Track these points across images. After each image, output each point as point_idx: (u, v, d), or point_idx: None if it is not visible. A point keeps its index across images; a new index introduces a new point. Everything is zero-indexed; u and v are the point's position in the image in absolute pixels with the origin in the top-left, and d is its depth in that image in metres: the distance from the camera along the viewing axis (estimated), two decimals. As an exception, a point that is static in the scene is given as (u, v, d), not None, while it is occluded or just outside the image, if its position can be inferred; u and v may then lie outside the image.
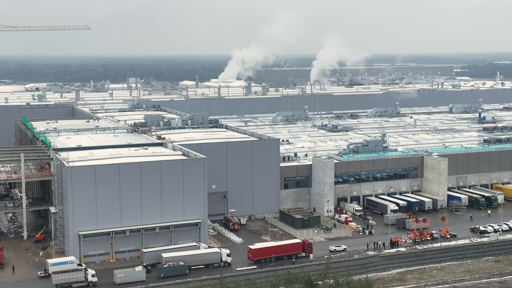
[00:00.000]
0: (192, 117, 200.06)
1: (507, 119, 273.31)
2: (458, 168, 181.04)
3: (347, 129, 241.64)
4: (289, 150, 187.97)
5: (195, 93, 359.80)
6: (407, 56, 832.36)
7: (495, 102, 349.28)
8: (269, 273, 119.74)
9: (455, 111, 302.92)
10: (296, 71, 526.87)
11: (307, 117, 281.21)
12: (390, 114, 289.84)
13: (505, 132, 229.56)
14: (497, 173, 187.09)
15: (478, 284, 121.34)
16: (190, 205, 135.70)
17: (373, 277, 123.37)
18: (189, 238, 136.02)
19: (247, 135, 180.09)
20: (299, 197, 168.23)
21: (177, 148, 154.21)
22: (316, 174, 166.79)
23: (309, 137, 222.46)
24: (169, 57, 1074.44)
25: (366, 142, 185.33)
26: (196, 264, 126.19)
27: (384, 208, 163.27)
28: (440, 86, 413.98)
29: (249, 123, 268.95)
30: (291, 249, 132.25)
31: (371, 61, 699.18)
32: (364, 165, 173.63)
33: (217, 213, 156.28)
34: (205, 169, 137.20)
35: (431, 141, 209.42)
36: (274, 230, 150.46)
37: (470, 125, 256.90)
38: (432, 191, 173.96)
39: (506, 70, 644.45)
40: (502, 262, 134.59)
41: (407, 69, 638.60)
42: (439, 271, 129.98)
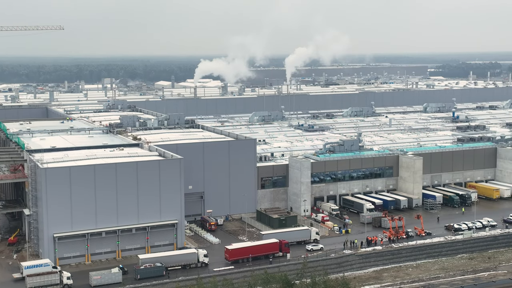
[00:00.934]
0: (168, 118, 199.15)
1: (480, 118, 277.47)
2: (432, 167, 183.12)
3: (323, 129, 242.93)
4: (265, 150, 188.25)
5: (171, 93, 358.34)
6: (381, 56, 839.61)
7: (468, 101, 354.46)
8: (246, 273, 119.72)
9: (429, 110, 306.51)
10: (272, 71, 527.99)
11: (284, 117, 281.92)
12: (366, 114, 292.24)
13: (478, 131, 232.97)
14: (470, 171, 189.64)
15: (452, 281, 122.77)
16: (166, 206, 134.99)
17: (349, 275, 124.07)
18: (166, 239, 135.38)
19: (223, 135, 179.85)
20: (276, 196, 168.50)
21: (153, 149, 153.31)
22: (293, 173, 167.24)
23: (286, 137, 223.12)
24: (145, 57, 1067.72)
25: (342, 142, 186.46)
26: (173, 265, 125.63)
27: (360, 207, 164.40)
28: (415, 85, 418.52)
29: (226, 123, 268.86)
30: (268, 249, 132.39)
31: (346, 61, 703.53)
32: (340, 165, 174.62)
33: (194, 213, 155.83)
34: (181, 169, 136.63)
35: (406, 140, 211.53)
36: (251, 230, 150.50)
37: (444, 124, 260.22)
38: (407, 189, 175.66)
39: (479, 70, 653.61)
40: (475, 259, 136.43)
41: (382, 69, 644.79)
42: (414, 269, 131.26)
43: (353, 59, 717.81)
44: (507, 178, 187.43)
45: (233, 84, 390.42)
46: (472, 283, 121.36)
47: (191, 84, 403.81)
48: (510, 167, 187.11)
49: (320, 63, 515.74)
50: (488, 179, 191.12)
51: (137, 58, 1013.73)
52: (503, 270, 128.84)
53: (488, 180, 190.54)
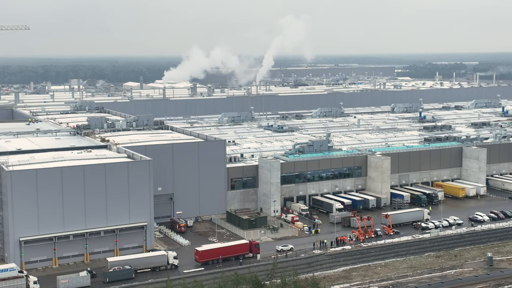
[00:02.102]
0: (137, 119, 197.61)
1: (446, 118, 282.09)
2: (400, 167, 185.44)
3: (293, 129, 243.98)
4: (235, 151, 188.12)
5: (139, 94, 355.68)
6: (350, 57, 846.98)
7: (435, 101, 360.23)
8: (216, 275, 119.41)
9: (396, 110, 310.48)
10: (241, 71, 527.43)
11: (253, 117, 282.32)
12: (334, 114, 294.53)
13: (444, 130, 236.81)
14: (437, 170, 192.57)
15: (420, 280, 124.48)
16: (135, 208, 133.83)
17: (319, 275, 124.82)
18: (135, 241, 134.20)
19: (193, 136, 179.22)
20: (246, 197, 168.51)
21: (121, 151, 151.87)
22: (263, 174, 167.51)
23: (255, 137, 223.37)
24: (112, 58, 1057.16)
25: (311, 142, 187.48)
26: (142, 267, 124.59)
27: (330, 207, 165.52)
28: (382, 86, 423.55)
29: (195, 124, 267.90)
30: (238, 250, 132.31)
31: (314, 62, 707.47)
32: (309, 165, 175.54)
33: (164, 215, 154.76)
34: (150, 171, 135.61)
35: (374, 140, 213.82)
36: (221, 231, 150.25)
37: (411, 124, 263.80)
38: (376, 189, 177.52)
39: (445, 70, 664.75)
40: (442, 257, 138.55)
41: (350, 70, 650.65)
42: (383, 267, 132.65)
43: (321, 60, 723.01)
44: (473, 177, 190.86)
45: (202, 85, 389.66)
46: (439, 281, 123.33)
47: (159, 85, 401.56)
48: (476, 166, 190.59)
49: (289, 64, 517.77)
50: (454, 178, 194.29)
51: (104, 59, 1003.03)
52: (469, 268, 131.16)
53: (454, 179, 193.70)
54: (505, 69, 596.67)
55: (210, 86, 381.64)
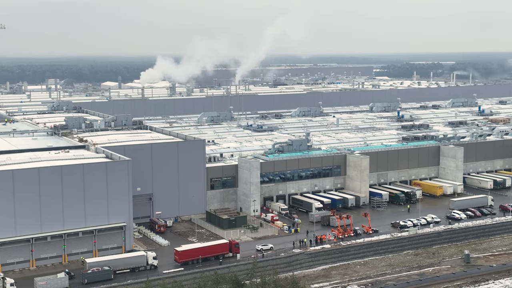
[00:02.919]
0: (115, 119, 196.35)
1: (424, 117, 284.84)
2: (379, 166, 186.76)
3: (272, 129, 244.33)
4: (214, 151, 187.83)
5: (118, 94, 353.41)
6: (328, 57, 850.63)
7: (413, 101, 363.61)
8: (196, 275, 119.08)
9: (375, 110, 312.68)
10: (220, 71, 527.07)
11: (232, 117, 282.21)
12: (314, 114, 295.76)
13: (422, 129, 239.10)
14: (415, 169, 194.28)
15: (399, 277, 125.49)
16: (114, 209, 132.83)
17: (299, 274, 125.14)
18: (114, 242, 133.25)
19: (172, 136, 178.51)
20: (225, 197, 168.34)
21: (100, 151, 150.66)
22: (242, 174, 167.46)
23: (235, 137, 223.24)
24: (90, 57, 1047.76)
25: (291, 142, 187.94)
26: (121, 268, 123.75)
27: (309, 206, 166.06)
28: (361, 86, 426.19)
29: (174, 124, 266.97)
30: (218, 250, 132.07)
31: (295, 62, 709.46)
32: (289, 164, 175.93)
33: (143, 215, 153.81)
34: (129, 171, 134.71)
35: (353, 139, 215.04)
36: (201, 231, 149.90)
37: (390, 123, 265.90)
38: (355, 188, 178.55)
39: (422, 70, 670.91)
40: (421, 255, 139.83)
41: (329, 70, 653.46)
42: (362, 266, 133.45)
43: (301, 60, 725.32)
44: (450, 176, 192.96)
45: (182, 85, 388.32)
46: (418, 278, 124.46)
47: (138, 84, 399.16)
48: (453, 165, 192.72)
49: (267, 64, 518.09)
50: (432, 176, 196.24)
51: (82, 59, 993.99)
52: (447, 265, 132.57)
53: (432, 178, 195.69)
54: (481, 68, 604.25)
55: (189, 86, 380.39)
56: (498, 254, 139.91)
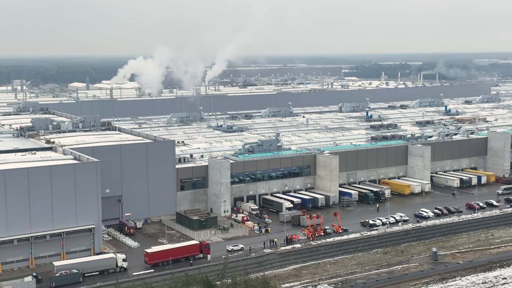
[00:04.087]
0: (83, 120, 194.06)
1: (392, 117, 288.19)
2: (348, 165, 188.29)
3: (242, 129, 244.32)
4: (184, 152, 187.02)
5: (86, 95, 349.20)
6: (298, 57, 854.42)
7: (381, 101, 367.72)
8: (166, 276, 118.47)
9: (344, 110, 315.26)
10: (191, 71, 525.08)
11: (202, 118, 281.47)
12: (283, 114, 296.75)
13: (390, 129, 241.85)
14: (384, 168, 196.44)
15: (368, 276, 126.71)
16: (83, 211, 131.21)
17: (270, 274, 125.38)
18: (83, 244, 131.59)
19: (141, 137, 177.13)
20: (195, 198, 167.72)
21: (67, 152, 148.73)
22: (212, 174, 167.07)
23: (205, 138, 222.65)
24: (57, 58, 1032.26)
25: (261, 142, 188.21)
26: (90, 271, 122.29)
27: (280, 206, 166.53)
28: (330, 86, 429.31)
29: (143, 125, 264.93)
30: (188, 251, 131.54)
31: (263, 62, 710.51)
32: (259, 165, 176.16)
33: (112, 217, 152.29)
34: (98, 173, 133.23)
35: (322, 139, 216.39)
36: (171, 232, 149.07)
37: (359, 123, 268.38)
38: (325, 187, 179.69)
39: (390, 70, 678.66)
40: (390, 253, 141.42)
41: (299, 70, 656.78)
42: (332, 265, 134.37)
43: (270, 60, 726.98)
44: (418, 175, 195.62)
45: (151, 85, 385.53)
46: (387, 276, 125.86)
47: (106, 85, 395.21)
48: (420, 164, 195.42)
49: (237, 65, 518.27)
50: (400, 175, 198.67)
51: (49, 59, 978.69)
52: (415, 263, 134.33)
53: (400, 177, 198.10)
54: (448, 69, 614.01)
55: (159, 86, 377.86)
56: (464, 251, 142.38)
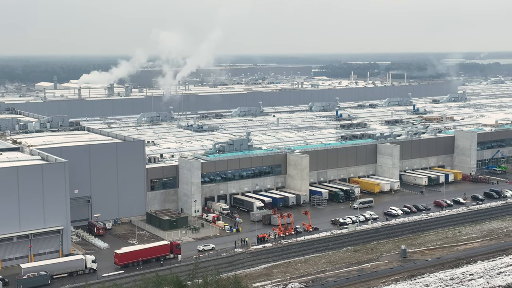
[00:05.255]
0: (51, 120, 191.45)
1: (361, 116, 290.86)
2: (318, 164, 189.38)
3: (213, 129, 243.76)
4: (154, 152, 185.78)
5: (53, 94, 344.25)
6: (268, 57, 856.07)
7: (350, 100, 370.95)
8: (137, 277, 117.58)
9: (314, 109, 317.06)
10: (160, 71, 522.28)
11: (172, 117, 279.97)
12: (254, 113, 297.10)
13: (360, 128, 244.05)
14: (354, 167, 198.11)
15: (338, 274, 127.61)
16: (51, 212, 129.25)
17: (241, 273, 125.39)
18: (51, 246, 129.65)
19: (110, 137, 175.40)
20: (166, 198, 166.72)
21: (35, 153, 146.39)
22: (183, 174, 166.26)
23: (175, 137, 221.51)
24: (23, 57, 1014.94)
25: (232, 141, 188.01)
26: (58, 273, 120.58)
27: (250, 206, 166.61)
28: (300, 85, 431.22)
29: (113, 125, 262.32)
30: (159, 251, 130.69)
31: (234, 62, 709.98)
32: (230, 164, 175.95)
33: (81, 218, 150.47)
34: (66, 173, 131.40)
35: (293, 138, 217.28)
36: (141, 233, 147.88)
37: (329, 122, 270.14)
38: (295, 186, 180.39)
39: (359, 70, 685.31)
40: (359, 251, 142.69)
41: (269, 70, 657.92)
42: (303, 263, 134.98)
43: (240, 60, 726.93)
44: (387, 173, 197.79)
45: (120, 85, 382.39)
46: (357, 274, 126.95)
47: (75, 85, 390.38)
48: (389, 162, 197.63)
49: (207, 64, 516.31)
50: (369, 174, 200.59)
51: (15, 58, 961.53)
52: (385, 261, 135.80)
53: (369, 175, 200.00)
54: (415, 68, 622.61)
55: (128, 86, 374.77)
56: (432, 248, 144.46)
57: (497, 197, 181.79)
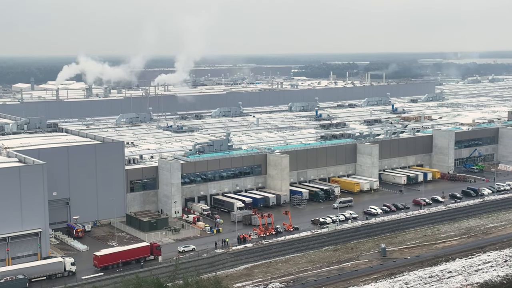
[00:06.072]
0: (28, 122, 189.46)
1: (341, 116, 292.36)
2: (298, 164, 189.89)
3: (192, 130, 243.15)
4: (134, 153, 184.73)
5: (30, 96, 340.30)
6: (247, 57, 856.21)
7: (330, 100, 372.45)
8: (116, 279, 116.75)
9: (294, 109, 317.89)
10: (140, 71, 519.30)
11: (152, 118, 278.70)
12: (234, 114, 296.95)
13: (339, 128, 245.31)
14: (333, 167, 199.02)
15: (319, 273, 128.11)
16: (29, 214, 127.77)
17: (222, 274, 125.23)
18: (29, 249, 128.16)
19: (89, 138, 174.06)
20: (146, 199, 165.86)
21: (12, 155, 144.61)
22: (163, 175, 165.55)
23: (155, 138, 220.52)
24: (0, 58, 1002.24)
25: (212, 142, 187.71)
26: (37, 276, 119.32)
27: (231, 206, 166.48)
28: (280, 86, 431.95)
29: (91, 126, 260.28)
30: (139, 253, 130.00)
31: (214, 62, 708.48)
32: (210, 165, 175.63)
33: (60, 220, 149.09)
34: (44, 175, 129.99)
35: (273, 139, 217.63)
36: (121, 234, 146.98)
37: (308, 122, 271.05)
38: (276, 187, 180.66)
39: (338, 70, 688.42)
40: (340, 250, 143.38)
41: (249, 70, 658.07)
42: (284, 263, 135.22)
43: (220, 60, 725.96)
44: (366, 172, 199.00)
45: (98, 86, 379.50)
46: (337, 273, 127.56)
47: (52, 86, 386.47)
48: (369, 162, 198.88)
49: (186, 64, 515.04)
50: (349, 173, 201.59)
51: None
52: (365, 259, 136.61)
53: (349, 175, 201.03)
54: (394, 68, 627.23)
55: (107, 87, 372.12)
56: (412, 246, 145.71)
57: (475, 195, 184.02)
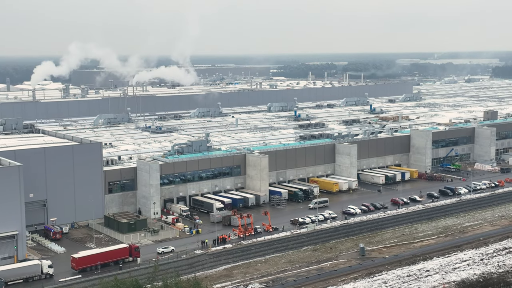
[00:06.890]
0: (4, 123, 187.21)
1: (320, 116, 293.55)
2: (278, 164, 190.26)
3: (171, 130, 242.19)
4: (112, 154, 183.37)
5: (6, 96, 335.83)
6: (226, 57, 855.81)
7: (308, 100, 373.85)
8: (95, 281, 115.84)
9: (273, 109, 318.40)
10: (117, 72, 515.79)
11: (130, 119, 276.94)
12: (213, 114, 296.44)
13: (318, 128, 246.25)
14: (312, 167, 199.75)
15: (298, 273, 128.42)
16: (4, 217, 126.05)
17: (201, 275, 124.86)
18: (5, 252, 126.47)
19: (66, 139, 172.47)
20: (124, 200, 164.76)
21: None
22: (141, 176, 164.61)
23: (133, 139, 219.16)
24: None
25: (191, 143, 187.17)
26: (13, 279, 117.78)
27: (210, 207, 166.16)
28: (259, 86, 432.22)
29: (69, 127, 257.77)
30: (117, 255, 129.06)
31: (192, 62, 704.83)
32: (189, 165, 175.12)
33: (37, 223, 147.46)
34: (20, 177, 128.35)
35: (252, 139, 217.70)
36: (99, 236, 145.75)
37: (287, 122, 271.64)
38: (255, 187, 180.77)
39: (317, 70, 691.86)
40: (319, 250, 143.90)
41: (227, 70, 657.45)
42: (263, 264, 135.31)
43: (198, 60, 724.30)
44: (345, 172, 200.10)
45: (76, 86, 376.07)
46: (316, 273, 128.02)
47: (28, 86, 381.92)
48: (347, 162, 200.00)
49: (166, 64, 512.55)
50: (328, 173, 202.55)
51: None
52: (343, 259, 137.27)
53: (328, 175, 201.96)
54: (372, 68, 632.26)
55: (84, 87, 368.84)
56: (390, 246, 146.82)
57: (452, 194, 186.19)
